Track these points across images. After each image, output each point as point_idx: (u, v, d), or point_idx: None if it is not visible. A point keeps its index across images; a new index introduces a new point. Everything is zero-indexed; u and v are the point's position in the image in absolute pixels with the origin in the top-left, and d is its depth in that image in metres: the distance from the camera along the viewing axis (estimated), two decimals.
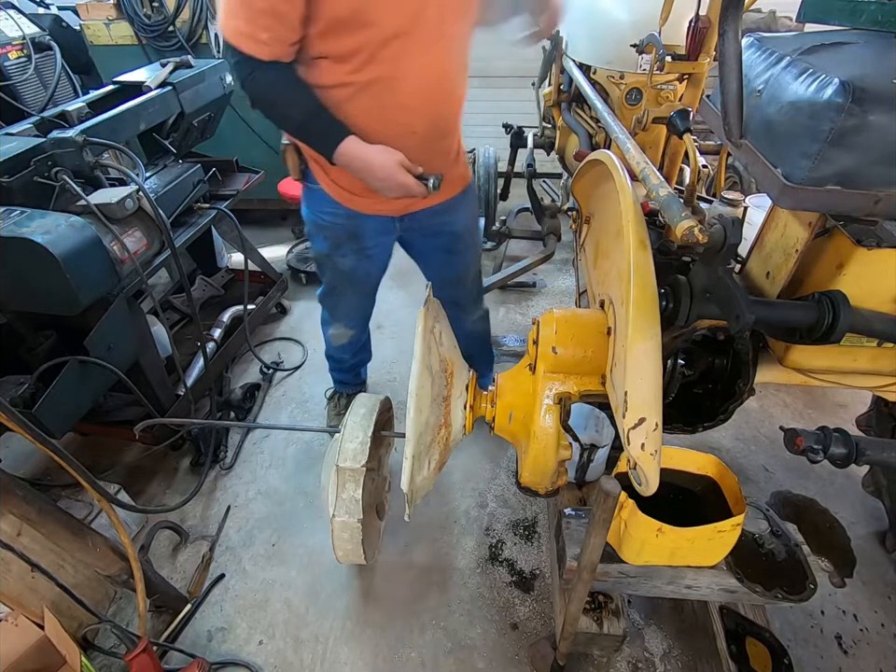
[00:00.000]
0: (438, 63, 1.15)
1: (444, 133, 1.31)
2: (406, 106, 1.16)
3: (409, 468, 1.02)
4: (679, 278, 1.03)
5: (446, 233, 1.50)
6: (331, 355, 1.94)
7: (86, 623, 1.33)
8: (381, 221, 1.40)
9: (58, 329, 1.55)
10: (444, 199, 1.42)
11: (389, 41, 1.06)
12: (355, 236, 1.42)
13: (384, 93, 1.13)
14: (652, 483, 0.83)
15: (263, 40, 1.02)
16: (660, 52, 1.42)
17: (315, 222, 1.43)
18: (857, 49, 0.92)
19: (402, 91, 1.13)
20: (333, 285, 1.61)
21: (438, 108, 1.22)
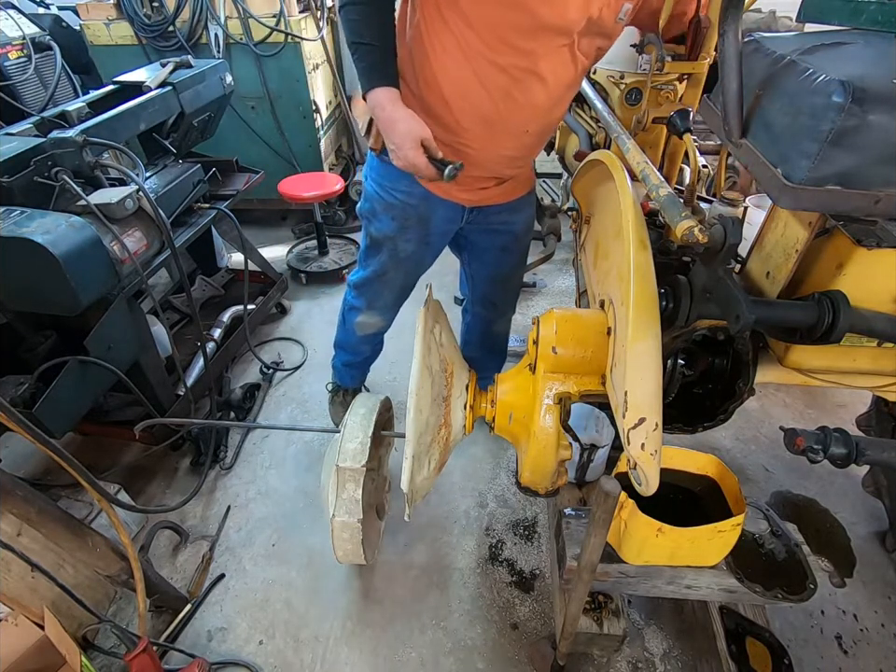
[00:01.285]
0: (570, 75, 1.15)
1: (544, 140, 1.33)
2: (533, 104, 1.15)
3: (409, 468, 1.03)
4: (679, 278, 1.03)
5: (506, 232, 1.50)
6: (347, 346, 1.85)
7: (86, 623, 1.33)
8: (451, 209, 1.37)
9: (58, 329, 1.55)
10: (514, 198, 1.43)
11: (537, 32, 1.04)
12: (424, 219, 1.38)
13: (518, 84, 1.11)
14: (652, 483, 0.83)
15: None
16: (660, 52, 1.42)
17: (385, 200, 1.37)
18: (857, 48, 0.92)
19: (536, 88, 1.13)
20: (386, 269, 1.53)
21: (553, 114, 1.23)
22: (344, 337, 1.82)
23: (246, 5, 2.59)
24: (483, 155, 1.24)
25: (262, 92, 2.83)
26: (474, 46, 1.08)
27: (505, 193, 1.39)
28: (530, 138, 1.24)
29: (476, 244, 1.55)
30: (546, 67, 1.10)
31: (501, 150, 1.25)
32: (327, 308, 2.71)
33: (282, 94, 2.83)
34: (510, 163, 1.31)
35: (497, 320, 1.78)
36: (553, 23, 1.04)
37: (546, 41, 1.06)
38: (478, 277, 1.66)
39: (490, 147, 1.23)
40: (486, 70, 1.10)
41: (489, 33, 1.06)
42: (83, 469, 1.14)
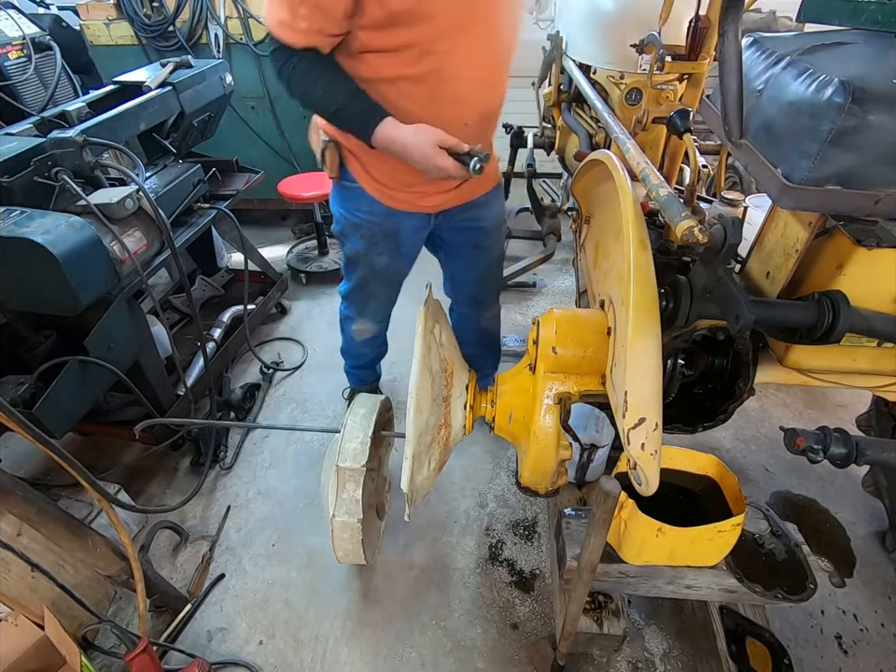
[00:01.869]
0: (491, 53, 1.15)
1: (491, 128, 1.33)
2: (460, 98, 1.16)
3: (409, 468, 1.03)
4: (679, 278, 1.03)
5: (477, 229, 1.50)
6: (350, 351, 1.91)
7: (86, 623, 1.33)
8: (418, 219, 1.40)
9: (58, 328, 1.55)
10: (478, 194, 1.43)
11: (446, 33, 1.06)
12: (390, 234, 1.41)
13: (438, 85, 1.13)
14: (652, 483, 0.83)
15: (301, 29, 1.03)
16: (660, 52, 1.42)
17: (350, 221, 1.41)
18: (857, 48, 0.92)
19: (457, 82, 1.13)
20: (365, 281, 1.58)
21: (489, 100, 1.23)
22: (346, 344, 1.89)
23: (246, 5, 2.59)
24: None
25: (262, 92, 2.83)
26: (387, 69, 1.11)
27: (468, 192, 1.39)
28: (472, 130, 1.22)
29: (449, 242, 1.56)
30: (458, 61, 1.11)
31: None
32: (327, 308, 2.71)
33: (282, 94, 2.82)
34: None
35: (482, 317, 1.78)
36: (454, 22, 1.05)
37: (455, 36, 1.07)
38: (457, 276, 1.67)
39: None
40: (403, 86, 1.13)
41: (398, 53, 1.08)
42: (83, 469, 1.14)
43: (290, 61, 1.09)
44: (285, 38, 1.06)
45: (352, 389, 2.09)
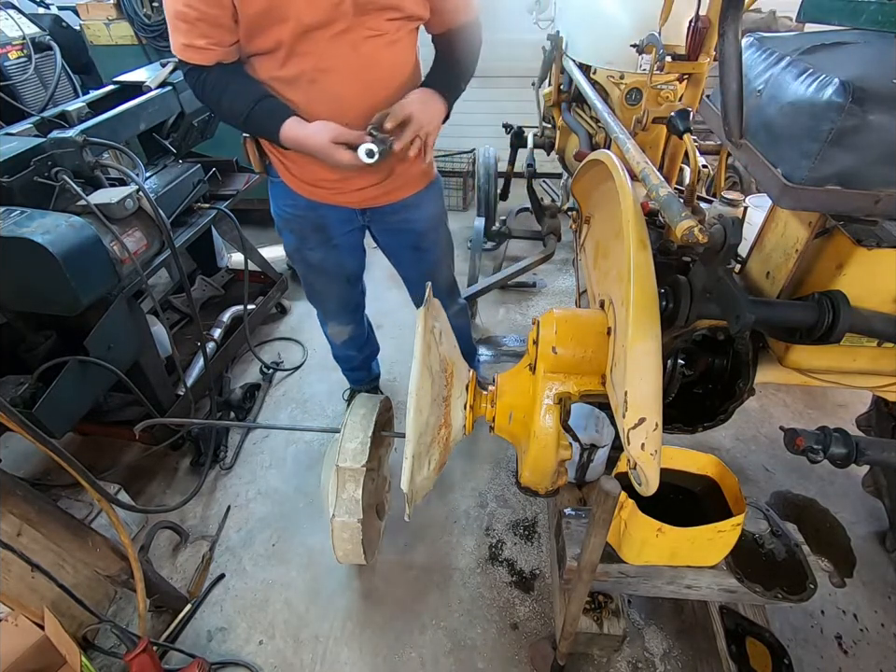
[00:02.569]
0: (366, 53, 1.14)
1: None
2: (338, 97, 1.16)
3: (409, 468, 1.02)
4: (679, 278, 1.03)
5: (409, 231, 1.50)
6: (338, 355, 1.93)
7: (86, 623, 1.33)
8: (343, 212, 1.41)
9: (58, 328, 1.55)
10: (405, 196, 1.42)
11: (307, 34, 1.07)
12: (319, 227, 1.43)
13: (311, 86, 1.14)
14: (652, 483, 0.83)
15: (201, 46, 1.09)
16: (660, 52, 1.42)
17: (280, 216, 1.45)
18: (857, 48, 0.92)
19: (329, 82, 1.14)
20: (309, 280, 1.62)
21: (372, 99, 1.20)
22: (332, 349, 1.92)
23: None
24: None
25: None
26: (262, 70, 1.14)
27: (392, 192, 1.39)
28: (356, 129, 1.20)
29: (388, 245, 1.58)
30: (326, 63, 1.12)
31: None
32: None
33: None
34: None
35: None
36: (312, 21, 1.05)
37: (315, 38, 1.08)
38: (405, 278, 1.68)
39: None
40: (279, 88, 1.16)
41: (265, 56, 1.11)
42: (83, 469, 1.14)
43: (200, 76, 1.15)
44: (192, 60, 1.11)
45: (352, 390, 2.09)
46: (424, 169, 1.44)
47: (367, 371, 2.03)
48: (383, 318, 2.53)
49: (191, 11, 1.04)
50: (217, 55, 1.11)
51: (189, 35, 1.08)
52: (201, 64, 1.12)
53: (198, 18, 1.05)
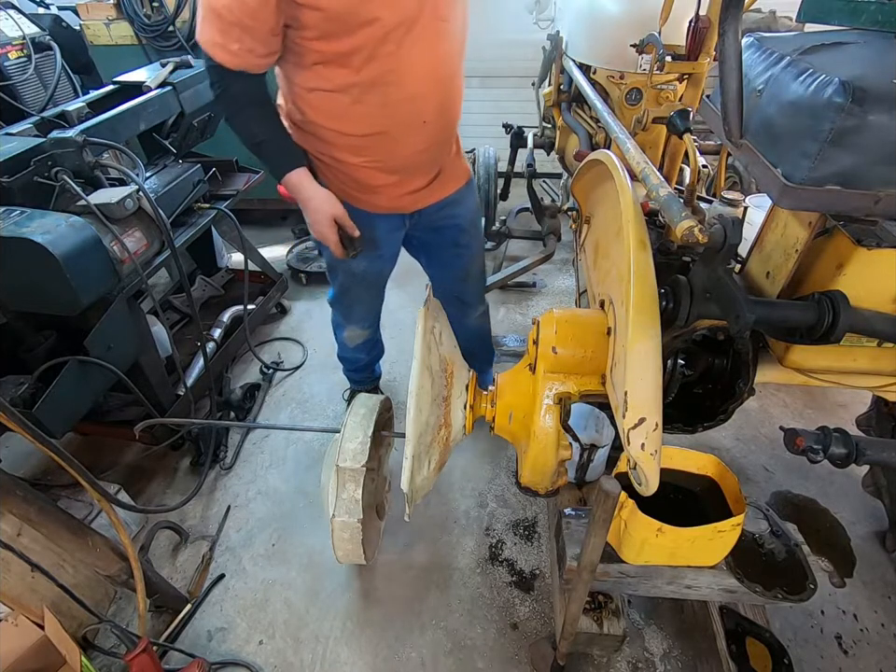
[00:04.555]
0: (440, 46, 1.15)
1: (452, 123, 1.33)
2: (415, 96, 1.16)
3: (409, 468, 1.03)
4: (679, 278, 1.03)
5: (452, 227, 1.50)
6: (346, 356, 1.93)
7: (86, 623, 1.33)
8: (393, 220, 1.41)
9: (58, 329, 1.55)
10: (449, 193, 1.43)
11: (390, 34, 1.06)
12: (368, 238, 1.40)
13: (390, 88, 1.13)
14: (652, 483, 0.83)
15: (234, 51, 1.06)
16: (660, 52, 1.42)
17: None
18: (857, 48, 0.91)
19: (409, 81, 1.13)
20: (346, 287, 1.60)
21: (444, 94, 1.22)
22: (340, 350, 1.92)
23: None
24: (396, 160, 1.26)
25: None
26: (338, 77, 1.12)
27: (440, 190, 1.40)
28: (431, 127, 1.23)
29: (428, 244, 1.57)
30: (407, 61, 1.11)
31: (411, 149, 1.26)
32: (327, 308, 2.67)
33: None
34: (428, 156, 1.31)
35: (470, 316, 1.78)
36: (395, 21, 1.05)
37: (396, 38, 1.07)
38: (439, 277, 1.67)
39: (398, 151, 1.24)
40: (356, 93, 1.13)
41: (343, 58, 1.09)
42: (83, 469, 1.14)
43: (224, 80, 1.13)
44: (218, 58, 1.08)
45: (352, 390, 2.09)
46: (463, 164, 1.47)
47: (370, 373, 2.03)
48: (383, 318, 2.51)
49: (229, 15, 1.01)
50: (246, 63, 1.09)
51: (224, 36, 1.05)
52: (227, 67, 1.09)
53: (234, 22, 1.02)
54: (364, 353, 1.89)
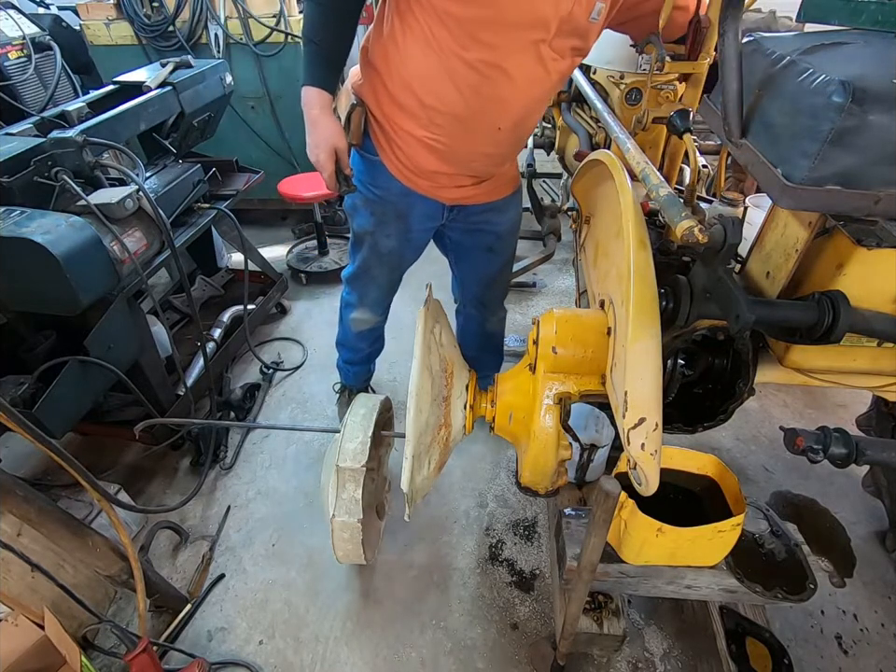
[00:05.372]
0: (543, 71, 1.14)
1: (523, 138, 1.33)
2: (503, 100, 1.15)
3: (409, 468, 1.03)
4: (679, 278, 1.03)
5: (490, 232, 1.50)
6: (346, 343, 1.87)
7: (86, 623, 1.33)
8: (431, 206, 1.38)
9: (58, 329, 1.55)
10: (496, 198, 1.43)
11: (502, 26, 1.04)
12: (402, 215, 1.39)
13: (487, 80, 1.11)
14: (652, 483, 0.83)
15: None
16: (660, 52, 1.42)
17: (363, 195, 1.38)
18: (857, 48, 0.91)
19: (506, 84, 1.12)
20: (369, 265, 1.55)
21: (527, 111, 1.21)
22: (343, 334, 1.84)
23: (246, 5, 2.59)
24: (457, 151, 1.25)
25: (262, 92, 2.83)
26: (444, 43, 1.08)
27: (486, 193, 1.40)
28: (503, 135, 1.23)
29: (461, 244, 1.55)
30: (513, 64, 1.10)
31: (475, 147, 1.25)
32: (327, 308, 2.71)
33: (282, 94, 2.83)
34: (486, 161, 1.31)
35: (488, 320, 1.78)
36: (521, 20, 1.04)
37: (514, 38, 1.06)
38: (466, 278, 1.67)
39: (463, 143, 1.23)
40: (455, 66, 1.10)
41: (459, 28, 1.06)
42: (83, 469, 1.14)
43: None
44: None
45: (343, 385, 2.05)
46: (515, 174, 1.47)
47: (366, 368, 2.00)
48: None
49: None
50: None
51: None
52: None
53: None
54: (366, 342, 1.84)
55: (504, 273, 1.67)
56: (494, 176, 1.38)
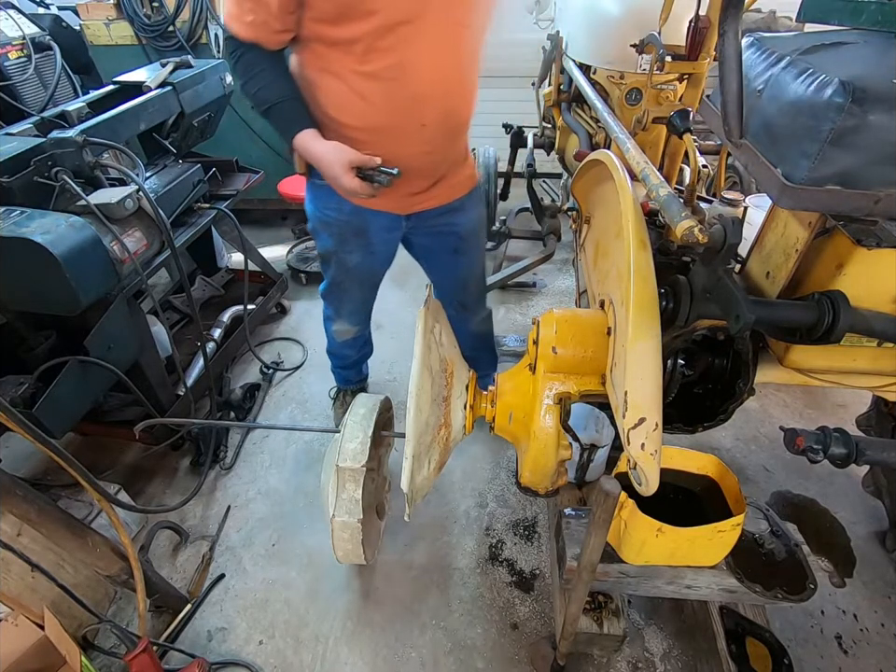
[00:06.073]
0: (449, 52, 1.13)
1: (456, 131, 1.31)
2: (417, 97, 1.15)
3: (409, 468, 1.03)
4: (679, 278, 1.03)
5: (452, 234, 1.49)
6: (334, 352, 1.92)
7: (86, 623, 1.33)
8: (387, 218, 1.39)
9: (58, 329, 1.55)
10: (451, 200, 1.42)
11: (394, 28, 1.05)
12: (361, 232, 1.41)
13: (391, 84, 1.12)
14: (652, 483, 0.83)
15: (248, 22, 1.09)
16: (660, 52, 1.42)
17: (320, 219, 1.42)
18: (857, 48, 0.91)
19: (412, 81, 1.12)
20: (338, 280, 1.59)
21: (450, 101, 1.20)
22: (330, 344, 1.90)
23: None
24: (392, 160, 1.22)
25: None
26: (341, 64, 1.12)
27: (440, 196, 1.39)
28: (431, 132, 1.21)
29: (427, 248, 1.56)
30: (412, 59, 1.10)
31: (407, 150, 1.24)
32: None
33: None
34: (427, 160, 1.28)
35: (471, 320, 1.77)
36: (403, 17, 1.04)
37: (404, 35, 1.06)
38: (439, 282, 1.67)
39: (394, 150, 1.22)
40: (358, 83, 1.13)
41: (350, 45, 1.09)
42: (83, 469, 1.14)
43: (238, 51, 1.15)
44: (233, 30, 1.12)
45: (338, 388, 2.08)
46: (470, 172, 1.45)
47: (357, 371, 2.02)
48: (383, 318, 2.53)
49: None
50: (258, 35, 1.10)
51: (239, 8, 1.09)
52: (240, 38, 1.12)
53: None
54: (352, 350, 1.89)
55: (475, 273, 1.66)
56: (445, 177, 1.37)
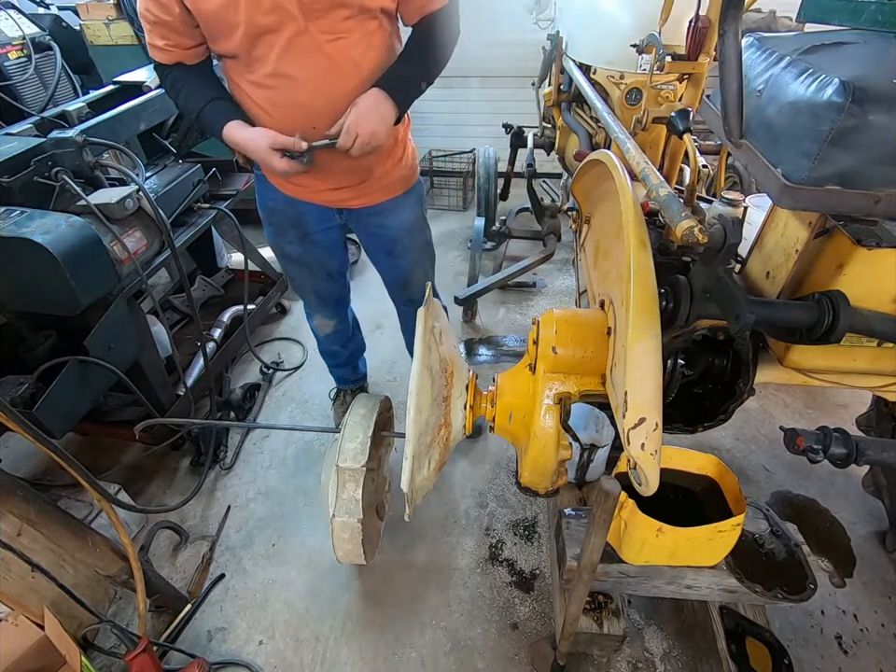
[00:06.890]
0: (329, 58, 1.12)
1: None
2: (298, 103, 1.17)
3: (409, 468, 1.02)
4: (679, 278, 1.03)
5: (383, 236, 1.51)
6: (324, 349, 1.94)
7: (86, 623, 1.33)
8: (320, 210, 1.43)
9: (58, 328, 1.55)
10: (380, 200, 1.42)
11: (260, 38, 1.08)
12: (297, 223, 1.45)
13: (275, 90, 1.16)
14: (652, 483, 0.83)
15: (161, 46, 1.16)
16: (660, 52, 1.42)
17: (262, 208, 1.48)
18: (857, 48, 0.91)
19: (289, 89, 1.15)
20: (290, 273, 1.65)
21: (333, 106, 1.18)
22: (318, 343, 1.93)
23: None
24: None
25: None
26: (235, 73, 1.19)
27: (368, 195, 1.40)
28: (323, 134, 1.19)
29: (366, 246, 1.61)
30: (288, 66, 1.12)
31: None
32: None
33: None
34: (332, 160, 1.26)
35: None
36: (261, 22, 1.06)
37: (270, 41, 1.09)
38: (383, 279, 1.70)
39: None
40: (248, 90, 1.18)
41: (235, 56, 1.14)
42: (83, 469, 1.14)
43: (164, 74, 1.22)
44: (155, 58, 1.19)
45: (338, 389, 2.09)
46: (404, 174, 1.43)
47: (352, 369, 2.03)
48: (383, 318, 2.53)
49: (149, 15, 1.11)
50: (176, 56, 1.17)
51: (151, 36, 1.15)
52: (163, 63, 1.19)
53: (155, 21, 1.11)
54: (339, 345, 1.90)
55: (415, 273, 1.63)
56: (371, 179, 1.36)
